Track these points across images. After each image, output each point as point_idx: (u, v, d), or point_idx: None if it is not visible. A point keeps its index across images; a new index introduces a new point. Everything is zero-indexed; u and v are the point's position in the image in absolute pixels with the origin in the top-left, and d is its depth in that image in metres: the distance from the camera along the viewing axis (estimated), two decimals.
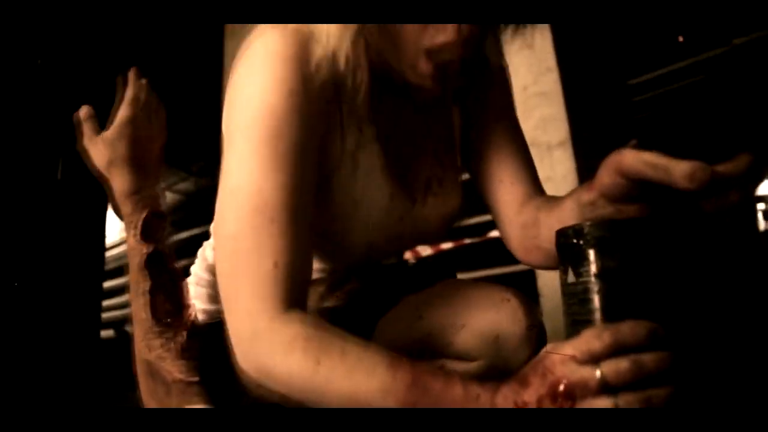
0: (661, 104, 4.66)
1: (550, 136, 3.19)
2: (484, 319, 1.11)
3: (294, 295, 0.92)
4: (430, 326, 1.13)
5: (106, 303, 3.72)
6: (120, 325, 7.72)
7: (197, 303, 1.34)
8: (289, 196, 0.93)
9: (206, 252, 1.42)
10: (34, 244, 2.95)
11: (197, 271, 1.41)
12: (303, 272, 0.96)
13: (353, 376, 0.84)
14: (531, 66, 3.33)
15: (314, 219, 1.01)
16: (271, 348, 0.88)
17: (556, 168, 3.14)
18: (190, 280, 1.40)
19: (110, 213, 3.45)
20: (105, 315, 3.52)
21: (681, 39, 4.81)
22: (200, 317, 1.32)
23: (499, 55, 1.28)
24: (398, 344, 1.07)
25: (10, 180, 2.90)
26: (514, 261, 3.80)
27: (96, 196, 3.28)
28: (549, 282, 3.07)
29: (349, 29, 0.95)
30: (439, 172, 1.26)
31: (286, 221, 0.93)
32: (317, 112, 1.00)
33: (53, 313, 2.95)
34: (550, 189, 3.13)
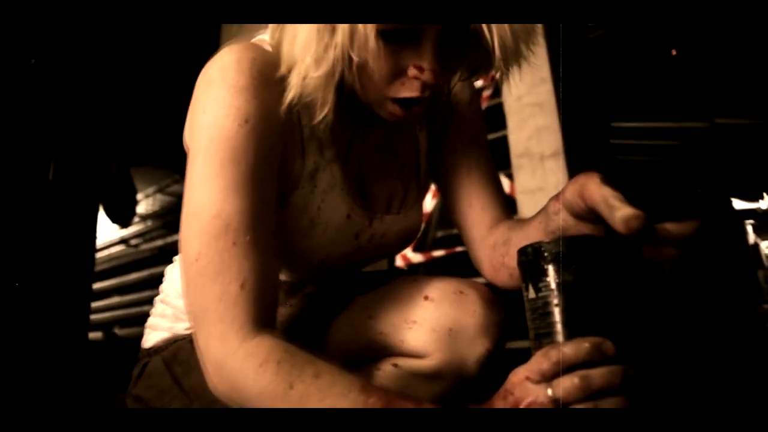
0: (635, 152, 4.69)
1: (544, 146, 3.20)
2: (437, 312, 1.13)
3: (263, 315, 0.96)
4: (382, 325, 1.15)
5: (94, 305, 3.71)
6: (109, 327, 7.71)
7: (164, 322, 1.32)
8: (248, 219, 0.97)
9: (174, 271, 1.38)
10: (24, 245, 2.94)
11: (165, 288, 1.38)
12: (270, 292, 0.99)
13: (325, 400, 0.87)
14: (525, 76, 3.34)
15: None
16: (243, 370, 0.90)
17: (549, 178, 3.15)
18: (158, 298, 1.39)
19: (101, 215, 3.44)
20: (93, 317, 3.51)
21: (674, 52, 4.84)
22: (165, 335, 1.30)
23: (471, 92, 1.38)
24: (351, 346, 1.14)
25: (1, 181, 2.89)
26: None
27: (87, 198, 3.28)
28: None
29: (325, 61, 0.97)
30: (401, 192, 1.30)
31: (248, 243, 0.96)
32: (275, 137, 1.04)
33: (42, 314, 2.94)
34: (542, 199, 3.13)
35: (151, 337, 1.32)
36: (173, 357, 1.24)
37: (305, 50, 0.96)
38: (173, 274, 1.37)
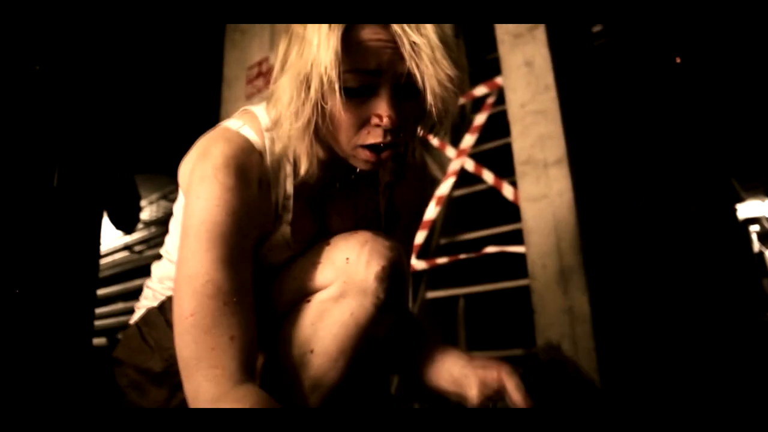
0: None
1: (547, 153, 3.20)
2: (337, 251, 1.33)
3: (248, 363, 1.19)
4: (297, 272, 1.36)
5: (99, 311, 3.72)
6: (113, 333, 7.71)
7: (146, 302, 1.60)
8: (235, 285, 1.22)
9: (160, 265, 1.64)
10: (28, 251, 2.94)
11: (151, 277, 1.64)
12: (253, 344, 1.23)
13: None
14: (529, 84, 3.34)
15: None
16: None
17: (553, 185, 3.15)
18: (145, 284, 1.66)
19: (106, 221, 3.45)
20: (98, 323, 3.52)
21: (678, 60, 4.84)
22: (143, 312, 1.58)
23: (421, 157, 1.70)
24: (284, 296, 1.36)
25: (6, 187, 2.90)
26: (509, 277, 3.78)
27: (92, 204, 3.29)
28: (543, 299, 3.08)
29: (303, 113, 1.22)
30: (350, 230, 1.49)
31: (235, 304, 1.21)
32: (253, 220, 1.31)
33: (46, 319, 2.95)
34: (546, 206, 3.13)
35: (134, 315, 1.61)
36: (143, 320, 1.53)
37: (288, 105, 1.22)
38: (158, 266, 1.62)
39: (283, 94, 1.23)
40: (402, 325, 1.62)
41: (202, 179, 1.27)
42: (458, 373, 1.45)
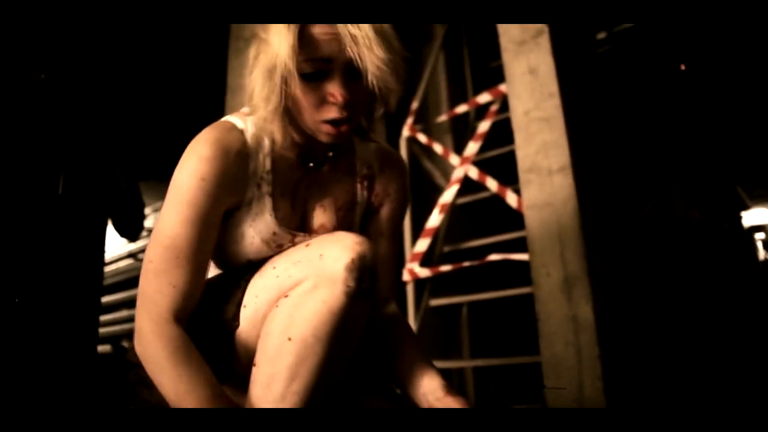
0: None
1: (551, 161, 3.20)
2: (312, 249, 1.46)
3: (181, 310, 1.47)
4: (278, 270, 1.49)
5: (103, 318, 3.72)
6: (117, 340, 7.71)
7: None
8: (191, 244, 1.48)
9: None
10: (33, 258, 2.95)
11: None
12: (192, 296, 1.50)
13: (189, 388, 1.38)
14: (533, 91, 3.34)
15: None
16: (153, 342, 1.43)
17: (557, 193, 3.15)
18: None
19: (110, 228, 3.45)
20: (102, 330, 3.52)
21: (683, 67, 4.84)
22: None
23: (398, 154, 1.95)
24: (267, 297, 1.48)
25: (10, 194, 2.90)
26: (513, 284, 3.77)
27: (96, 212, 3.29)
28: (547, 306, 3.07)
29: (272, 99, 1.48)
30: (331, 223, 1.72)
31: (186, 259, 1.47)
32: (224, 189, 1.52)
33: (50, 327, 2.95)
34: (550, 214, 3.12)
35: None
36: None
37: (260, 93, 1.49)
38: None
39: (256, 85, 1.50)
40: (386, 326, 1.76)
41: (186, 154, 1.53)
42: (435, 402, 1.58)
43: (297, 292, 1.42)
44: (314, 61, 1.45)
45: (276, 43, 1.44)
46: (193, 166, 1.49)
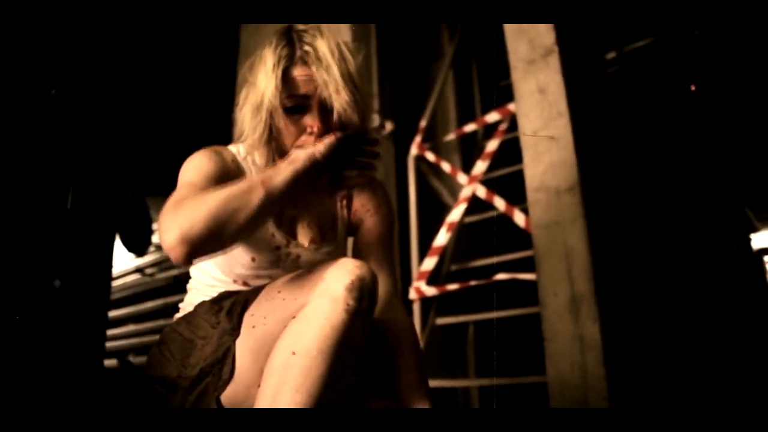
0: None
1: (559, 180, 3.20)
2: (317, 274, 1.56)
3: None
4: (284, 294, 1.59)
5: (110, 333, 3.72)
6: (123, 354, 7.71)
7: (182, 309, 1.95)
8: (199, 182, 1.67)
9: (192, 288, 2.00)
10: (41, 272, 2.95)
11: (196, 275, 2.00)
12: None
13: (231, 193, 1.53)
14: (542, 110, 3.34)
15: None
16: (178, 210, 1.51)
17: (565, 212, 3.14)
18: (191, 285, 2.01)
19: (118, 243, 3.45)
20: (109, 344, 3.52)
21: (693, 88, 4.83)
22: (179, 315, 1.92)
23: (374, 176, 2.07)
24: (267, 313, 1.58)
25: (21, 209, 2.91)
26: (520, 304, 3.75)
27: (104, 227, 3.29)
28: (554, 326, 3.06)
29: (258, 128, 1.76)
30: (316, 237, 1.95)
31: (196, 190, 1.61)
32: (219, 176, 1.73)
33: (57, 340, 2.95)
34: (557, 233, 3.12)
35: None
36: (160, 339, 1.83)
37: (248, 124, 1.78)
38: (186, 296, 2.00)
39: (245, 117, 1.78)
40: (388, 335, 1.90)
41: (187, 161, 1.77)
42: None
43: (303, 312, 1.51)
44: (294, 97, 1.74)
45: (262, 84, 1.74)
46: (195, 165, 1.75)
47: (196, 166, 1.75)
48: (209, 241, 1.49)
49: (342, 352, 1.49)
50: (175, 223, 1.47)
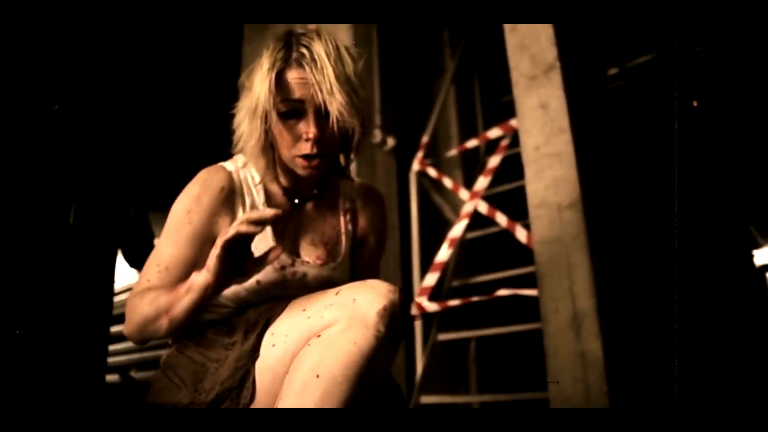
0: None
1: (561, 196, 3.19)
2: (346, 293, 1.51)
3: (154, 285, 1.70)
4: (309, 312, 1.53)
5: (112, 348, 3.71)
6: (125, 370, 7.70)
7: None
8: (176, 260, 1.73)
9: None
10: (43, 287, 2.95)
11: None
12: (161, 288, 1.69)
13: (188, 295, 1.56)
14: (544, 126, 3.34)
15: None
16: (139, 302, 1.66)
17: (566, 229, 3.14)
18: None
19: (120, 259, 3.45)
20: (110, 360, 3.52)
21: (695, 103, 4.84)
22: None
23: (377, 190, 2.15)
24: (297, 336, 1.51)
25: (23, 224, 2.92)
26: (522, 320, 3.74)
27: (107, 242, 3.30)
28: (555, 342, 3.06)
29: (254, 134, 1.73)
30: (322, 253, 1.91)
31: (163, 268, 1.72)
32: (213, 217, 1.78)
33: (59, 357, 2.95)
34: (559, 249, 3.11)
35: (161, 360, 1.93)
36: (165, 365, 1.81)
37: (245, 130, 1.76)
38: None
39: (241, 124, 1.76)
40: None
41: (183, 192, 1.80)
42: None
43: (329, 332, 1.45)
44: (288, 101, 1.68)
45: (257, 88, 1.70)
46: (183, 202, 1.78)
47: (179, 221, 1.77)
48: (142, 342, 1.72)
49: (367, 379, 1.43)
50: (127, 317, 1.69)
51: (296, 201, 1.92)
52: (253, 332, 1.60)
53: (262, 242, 1.77)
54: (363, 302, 1.46)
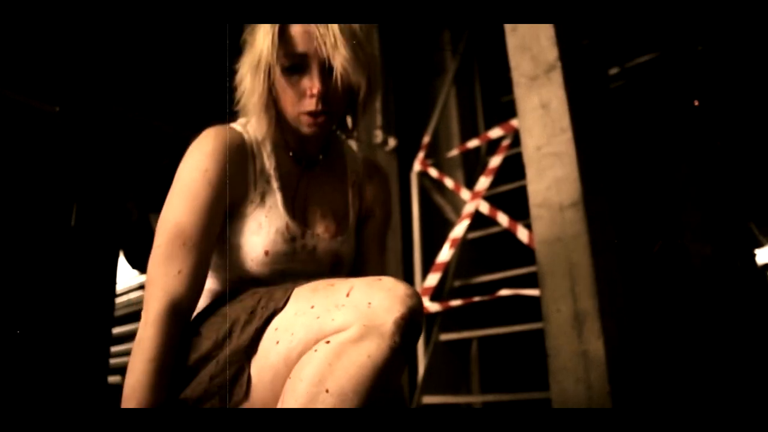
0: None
1: (563, 196, 3.19)
2: (359, 294, 1.39)
3: (186, 296, 1.53)
4: (318, 311, 1.42)
5: (114, 349, 3.71)
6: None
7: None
8: (196, 231, 1.57)
9: None
10: (46, 289, 2.96)
11: None
12: (197, 283, 1.57)
13: (143, 391, 1.43)
14: (545, 126, 3.34)
15: (230, 235, 1.69)
16: (149, 329, 1.47)
17: (568, 229, 3.13)
18: None
19: (122, 260, 3.45)
20: (113, 361, 3.51)
21: (696, 103, 4.84)
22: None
23: (382, 165, 2.12)
24: (297, 334, 1.41)
25: (25, 226, 2.92)
26: (523, 320, 3.74)
27: (108, 243, 3.30)
28: (557, 342, 3.05)
29: (257, 90, 1.66)
30: (331, 225, 1.85)
31: (191, 245, 1.56)
32: (231, 177, 1.64)
33: (61, 357, 2.95)
34: (561, 249, 3.11)
35: None
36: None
37: (247, 86, 1.68)
38: None
39: (243, 79, 1.69)
40: None
41: (189, 150, 1.68)
42: None
43: (340, 340, 1.34)
44: (292, 56, 1.63)
45: (260, 42, 1.65)
46: (197, 160, 1.64)
47: (195, 183, 1.61)
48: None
49: (378, 393, 1.32)
50: (149, 300, 1.53)
51: (304, 163, 1.84)
52: (251, 325, 1.48)
53: (273, 210, 1.73)
54: (379, 308, 1.34)
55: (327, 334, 1.36)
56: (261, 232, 1.71)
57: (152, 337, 1.46)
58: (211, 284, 1.77)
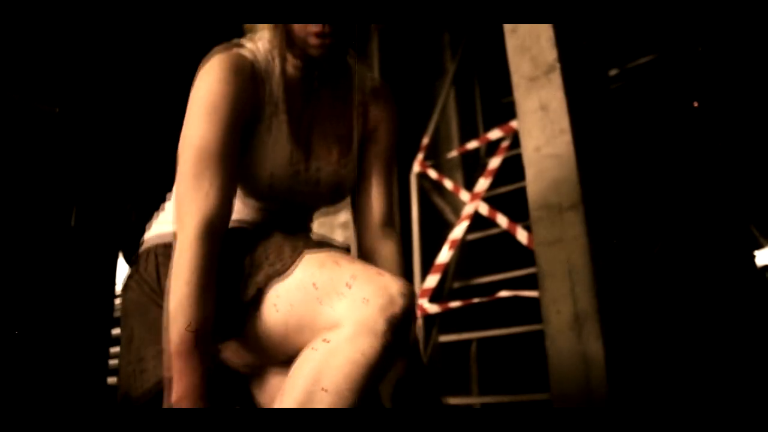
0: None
1: (562, 197, 3.19)
2: (357, 288, 1.41)
3: (216, 217, 1.52)
4: (322, 298, 1.44)
5: (113, 350, 3.71)
6: None
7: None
8: (220, 145, 1.56)
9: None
10: (45, 290, 2.96)
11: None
12: (226, 203, 1.56)
13: (185, 313, 1.43)
14: (545, 128, 3.34)
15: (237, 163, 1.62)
16: (184, 256, 1.47)
17: (567, 230, 3.14)
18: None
19: (121, 261, 3.45)
20: (112, 362, 3.51)
21: (696, 104, 4.84)
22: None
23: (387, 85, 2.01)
24: (296, 307, 1.45)
25: (24, 226, 2.92)
26: (523, 321, 3.74)
27: (108, 244, 3.30)
28: (556, 344, 3.05)
29: (275, 36, 1.68)
30: (335, 152, 1.82)
31: (217, 160, 1.55)
32: (243, 97, 1.62)
33: (61, 358, 2.95)
34: (560, 251, 3.11)
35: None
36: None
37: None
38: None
39: None
40: None
41: (201, 75, 1.64)
42: None
43: (336, 338, 1.39)
44: None
45: None
46: (214, 74, 1.61)
47: (214, 96, 1.59)
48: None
49: (371, 386, 1.40)
50: (182, 223, 1.51)
51: (315, 83, 1.80)
52: (253, 279, 1.52)
53: (279, 133, 1.71)
54: (374, 305, 1.38)
55: (323, 322, 1.42)
56: (266, 151, 1.70)
57: (190, 260, 1.46)
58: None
